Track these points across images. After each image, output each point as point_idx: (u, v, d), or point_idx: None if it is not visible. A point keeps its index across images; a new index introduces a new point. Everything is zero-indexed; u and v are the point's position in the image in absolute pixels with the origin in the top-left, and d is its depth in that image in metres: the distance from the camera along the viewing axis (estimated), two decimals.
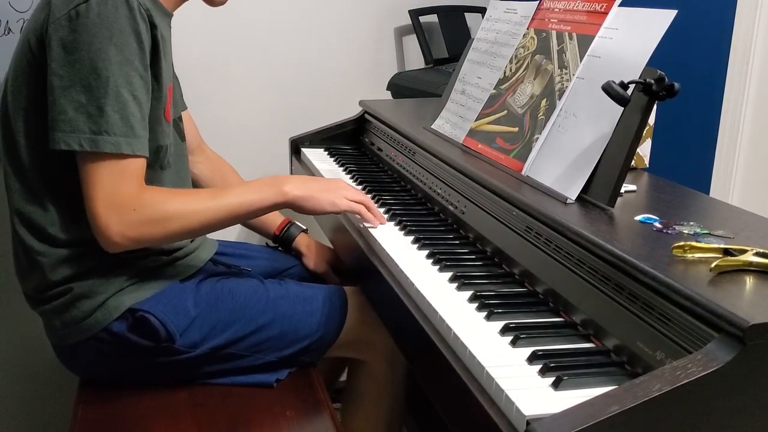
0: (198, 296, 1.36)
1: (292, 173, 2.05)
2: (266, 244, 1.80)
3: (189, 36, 2.18)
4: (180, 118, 1.48)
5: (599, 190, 1.21)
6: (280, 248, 1.76)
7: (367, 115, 2.03)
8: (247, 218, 1.38)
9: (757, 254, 0.96)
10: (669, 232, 1.09)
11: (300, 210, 1.39)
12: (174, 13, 1.39)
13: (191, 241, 1.45)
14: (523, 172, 1.35)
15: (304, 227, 1.76)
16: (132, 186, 1.21)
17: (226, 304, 1.38)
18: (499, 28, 1.64)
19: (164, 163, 1.34)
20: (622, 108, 1.19)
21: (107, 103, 1.17)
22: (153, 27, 1.23)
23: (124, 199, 1.20)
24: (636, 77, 1.19)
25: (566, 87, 1.34)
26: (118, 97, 1.18)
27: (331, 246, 1.73)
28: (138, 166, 1.22)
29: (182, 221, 1.26)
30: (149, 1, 1.24)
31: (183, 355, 1.34)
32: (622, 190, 1.24)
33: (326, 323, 1.45)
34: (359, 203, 1.43)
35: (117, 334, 1.30)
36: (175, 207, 1.25)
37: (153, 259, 1.35)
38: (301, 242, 1.73)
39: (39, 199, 1.28)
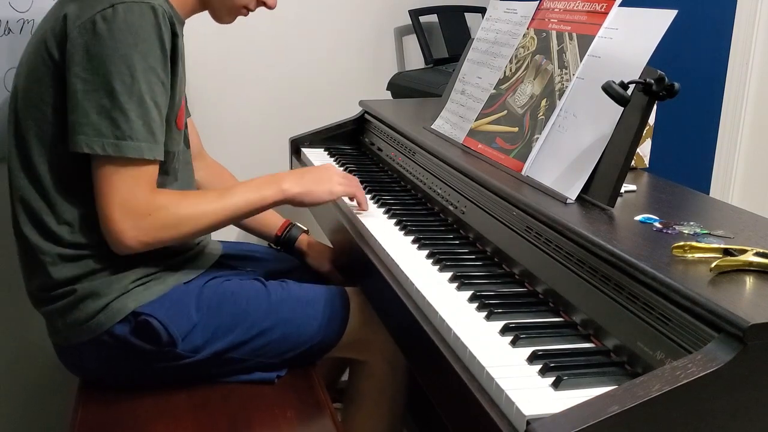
0: (200, 300, 1.36)
1: None
2: (268, 245, 1.80)
3: (189, 36, 2.17)
4: (186, 125, 1.48)
5: (599, 190, 1.21)
6: (281, 250, 1.76)
7: (367, 115, 2.03)
8: (249, 216, 1.40)
9: (757, 254, 0.96)
10: (669, 232, 1.09)
11: (300, 205, 1.41)
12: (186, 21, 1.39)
13: (197, 244, 1.45)
14: (523, 172, 1.35)
15: (305, 228, 1.76)
16: (146, 190, 1.23)
17: (228, 307, 1.37)
18: (499, 28, 1.64)
19: (170, 169, 1.35)
20: (622, 108, 1.19)
21: (131, 108, 1.19)
22: (174, 36, 1.25)
23: (139, 204, 1.22)
24: (636, 77, 1.18)
25: (566, 87, 1.34)
26: (141, 103, 1.20)
27: (331, 246, 1.74)
28: (154, 171, 1.25)
29: (193, 223, 1.29)
30: (171, 9, 1.25)
31: (184, 359, 1.34)
32: (622, 190, 1.24)
33: (328, 326, 1.45)
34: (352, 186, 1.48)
35: (119, 337, 1.30)
36: (186, 210, 1.28)
37: (158, 262, 1.34)
38: (303, 243, 1.73)
39: (47, 198, 1.28)
